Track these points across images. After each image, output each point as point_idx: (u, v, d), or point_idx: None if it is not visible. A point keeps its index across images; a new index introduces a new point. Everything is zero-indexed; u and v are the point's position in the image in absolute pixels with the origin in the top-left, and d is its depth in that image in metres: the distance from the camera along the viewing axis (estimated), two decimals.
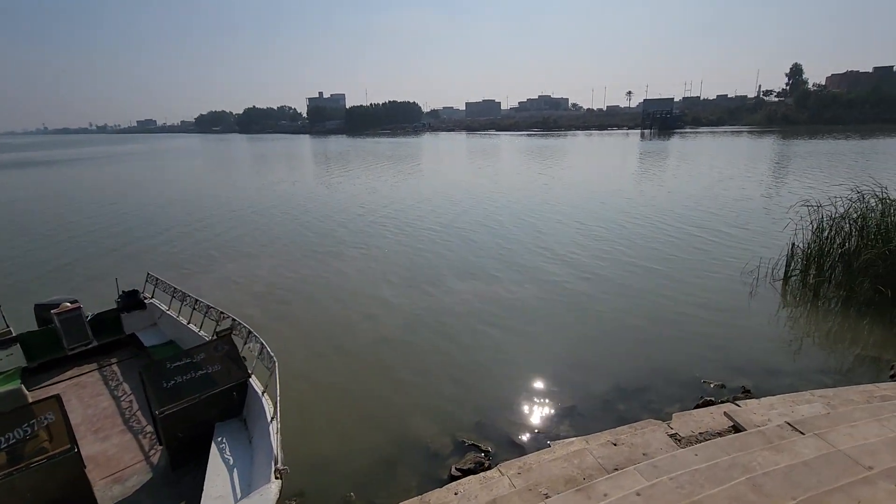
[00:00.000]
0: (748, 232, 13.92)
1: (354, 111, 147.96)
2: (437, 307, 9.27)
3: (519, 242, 13.70)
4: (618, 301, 9.33)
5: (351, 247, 13.90)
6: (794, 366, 6.95)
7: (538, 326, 8.35)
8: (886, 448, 2.75)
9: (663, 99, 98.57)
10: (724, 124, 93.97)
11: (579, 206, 18.81)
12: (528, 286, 10.20)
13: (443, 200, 21.07)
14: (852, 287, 8.94)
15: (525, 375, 6.75)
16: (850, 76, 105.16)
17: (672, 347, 7.47)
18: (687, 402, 5.96)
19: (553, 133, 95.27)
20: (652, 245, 12.95)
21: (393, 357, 7.42)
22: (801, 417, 3.76)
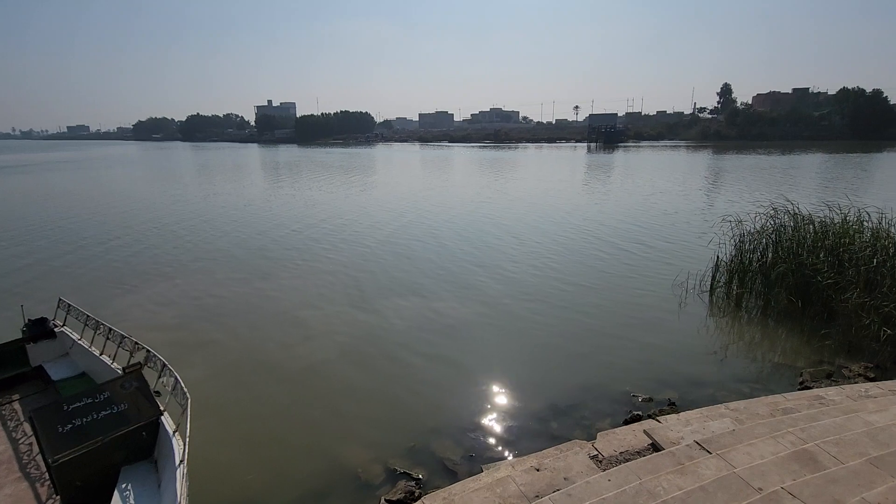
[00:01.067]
0: (679, 246, 14.63)
1: (305, 120, 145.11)
2: (366, 329, 9.02)
3: (454, 259, 13.61)
4: (552, 318, 9.43)
5: (281, 265, 13.30)
6: (717, 376, 7.29)
7: (472, 346, 8.31)
8: (776, 468, 2.90)
9: (607, 114, 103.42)
10: (663, 139, 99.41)
11: (519, 220, 19.02)
12: (461, 306, 10.09)
13: (384, 214, 20.90)
14: (769, 298, 9.56)
15: (459, 397, 6.69)
16: (772, 96, 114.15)
17: (605, 362, 7.67)
18: (617, 417, 6.12)
19: (505, 145, 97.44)
20: (587, 260, 13.28)
21: (323, 383, 7.15)
22: (710, 435, 3.92)
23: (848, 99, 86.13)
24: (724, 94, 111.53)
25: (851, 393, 5.00)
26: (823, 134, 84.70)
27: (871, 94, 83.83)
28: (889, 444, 3.10)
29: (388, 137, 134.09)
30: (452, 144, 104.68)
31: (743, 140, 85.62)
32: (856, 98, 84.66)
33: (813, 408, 4.48)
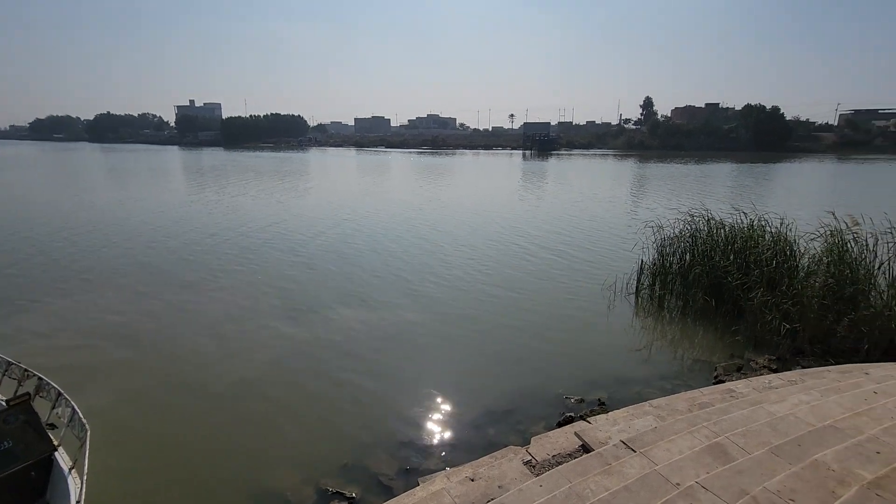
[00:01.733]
0: (607, 250, 15.33)
1: (232, 122, 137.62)
2: (293, 343, 8.55)
3: (385, 268, 13.24)
4: (485, 325, 9.48)
5: (201, 277, 12.35)
6: (642, 374, 7.67)
7: (404, 358, 8.17)
8: (691, 463, 3.04)
9: (541, 123, 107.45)
10: (593, 147, 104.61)
11: (453, 228, 18.98)
12: (392, 316, 9.85)
13: (314, 221, 20.21)
14: (688, 298, 10.24)
15: (394, 410, 6.54)
16: (688, 110, 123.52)
17: (538, 366, 7.83)
18: (551, 420, 6.26)
19: (442, 151, 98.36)
20: (519, 267, 13.51)
21: (246, 403, 6.67)
22: (635, 434, 4.07)
23: (751, 114, 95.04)
24: (646, 107, 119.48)
25: (757, 385, 5.41)
26: (732, 145, 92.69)
27: (770, 111, 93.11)
28: (787, 432, 3.36)
29: (322, 142, 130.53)
30: (389, 150, 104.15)
31: (664, 150, 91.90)
32: (758, 113, 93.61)
33: (725, 401, 4.78)
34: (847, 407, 3.74)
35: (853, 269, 8.97)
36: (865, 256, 9.23)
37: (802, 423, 3.51)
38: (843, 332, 8.17)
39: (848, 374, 5.34)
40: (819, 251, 9.57)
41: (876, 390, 4.03)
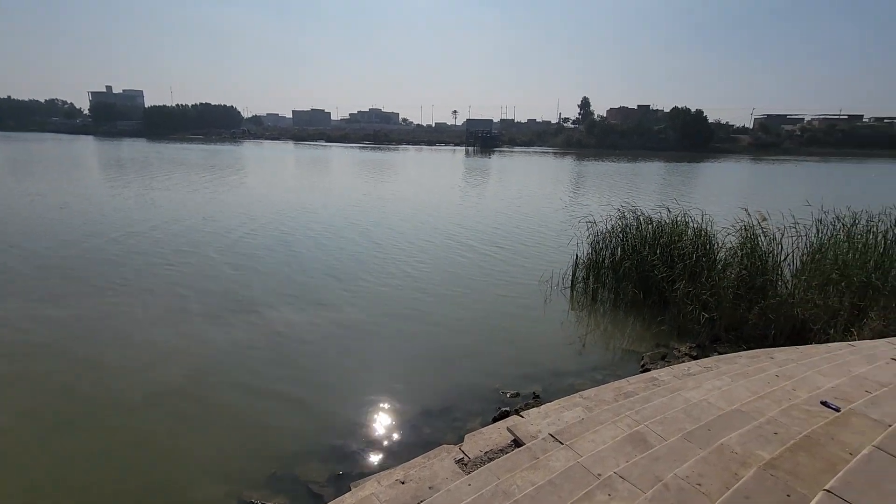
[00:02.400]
0: (545, 245, 15.71)
1: (156, 112, 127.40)
2: (213, 351, 7.97)
3: (316, 269, 12.61)
4: (422, 323, 9.39)
5: (107, 280, 11.18)
6: (575, 366, 7.92)
7: (335, 361, 7.86)
8: (613, 453, 3.13)
9: (484, 120, 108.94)
10: (533, 145, 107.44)
11: (393, 225, 18.59)
12: (321, 319, 9.39)
13: (241, 219, 18.92)
14: (619, 291, 10.71)
15: (325, 415, 6.31)
16: (622, 111, 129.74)
17: (475, 362, 7.85)
18: (487, 415, 6.29)
19: (384, 146, 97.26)
20: (458, 264, 13.52)
21: (161, 419, 6.14)
22: (564, 426, 4.16)
23: (678, 116, 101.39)
24: (583, 107, 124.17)
25: (677, 372, 5.70)
26: (662, 145, 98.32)
27: (695, 113, 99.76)
28: (700, 417, 3.54)
29: (257, 134, 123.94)
30: (330, 144, 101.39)
31: (600, 148, 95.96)
32: (684, 116, 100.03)
33: (648, 389, 5.00)
34: (753, 391, 4.01)
35: (763, 261, 9.75)
36: (773, 249, 10.06)
37: (714, 408, 3.71)
38: (754, 319, 8.84)
39: (756, 359, 5.74)
40: (734, 245, 10.34)
41: (778, 374, 4.35)
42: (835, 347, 5.55)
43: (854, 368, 4.10)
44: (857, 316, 8.68)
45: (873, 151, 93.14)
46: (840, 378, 3.76)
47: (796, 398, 3.52)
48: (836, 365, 4.18)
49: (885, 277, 9.70)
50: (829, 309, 8.74)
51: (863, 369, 3.87)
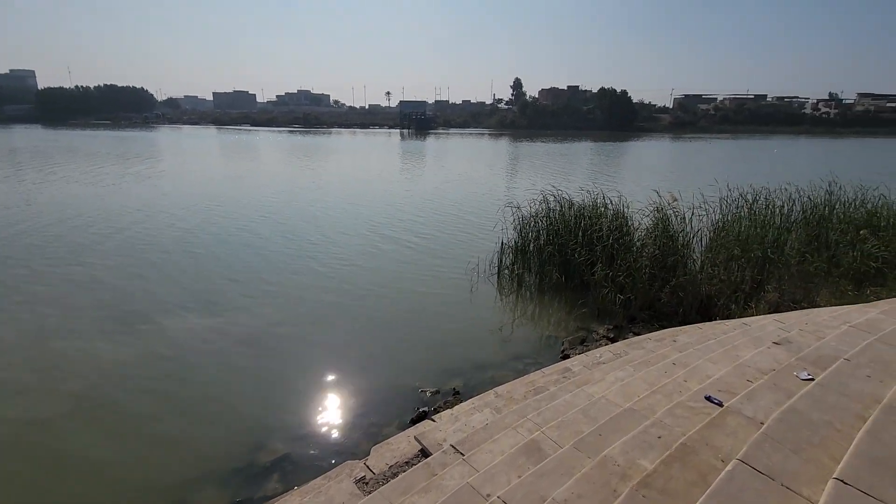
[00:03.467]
0: (474, 231, 15.59)
1: (51, 94, 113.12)
2: (105, 369, 7.24)
3: (220, 269, 11.67)
4: (338, 322, 8.96)
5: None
6: (498, 356, 7.87)
7: (242, 370, 7.29)
8: (506, 467, 3.00)
9: (418, 101, 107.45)
10: (469, 126, 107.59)
11: (314, 216, 17.69)
12: (230, 323, 8.77)
13: (138, 216, 17.12)
14: (543, 275, 10.84)
15: (225, 433, 5.83)
16: (552, 91, 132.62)
17: (396, 360, 7.62)
18: (405, 417, 6.10)
19: (315, 130, 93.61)
20: (384, 252, 13.20)
21: (48, 449, 5.51)
22: (469, 432, 4.03)
23: (605, 97, 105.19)
24: (516, 88, 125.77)
25: (589, 361, 5.76)
26: (590, 125, 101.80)
27: (620, 94, 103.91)
28: (596, 418, 3.50)
29: (174, 119, 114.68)
30: (256, 128, 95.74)
31: (533, 129, 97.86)
32: (610, 96, 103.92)
33: (558, 383, 4.98)
34: (650, 382, 4.05)
35: (673, 241, 10.19)
36: (683, 228, 10.55)
37: (611, 405, 3.69)
38: (666, 297, 9.23)
39: (661, 342, 5.92)
40: (648, 226, 10.73)
41: (675, 361, 4.45)
42: (731, 327, 5.82)
43: (742, 353, 4.25)
44: (756, 289, 9.31)
45: (776, 128, 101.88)
46: (727, 366, 3.87)
47: (686, 391, 3.57)
48: (726, 351, 4.33)
49: (780, 251, 10.47)
50: (731, 284, 9.30)
51: (748, 355, 4.01)
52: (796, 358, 3.49)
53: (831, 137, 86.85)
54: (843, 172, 15.61)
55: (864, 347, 3.27)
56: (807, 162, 41.47)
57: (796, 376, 3.19)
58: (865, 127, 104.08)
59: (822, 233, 11.39)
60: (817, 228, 11.84)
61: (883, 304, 4.96)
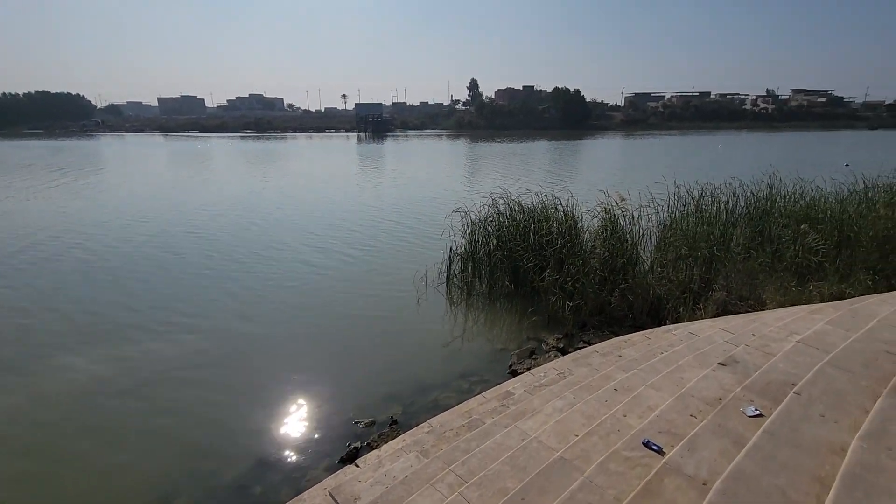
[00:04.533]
0: (427, 238, 15.01)
1: None
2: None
3: (135, 291, 10.59)
4: (266, 347, 8.18)
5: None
6: (444, 375, 7.29)
7: (157, 408, 6.52)
8: None
9: (374, 104, 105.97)
10: (427, 128, 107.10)
11: (236, 230, 16.17)
12: (144, 355, 7.92)
13: (61, 233, 15.97)
14: (493, 283, 10.40)
15: (132, 485, 5.11)
16: (508, 92, 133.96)
17: (331, 388, 6.94)
18: (335, 456, 5.49)
19: (269, 135, 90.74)
20: (329, 269, 12.25)
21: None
22: (389, 486, 3.47)
23: (560, 96, 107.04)
24: (472, 89, 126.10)
25: (531, 383, 5.30)
26: (546, 124, 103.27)
27: (574, 93, 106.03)
28: (526, 468, 3.01)
29: (115, 126, 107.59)
30: (205, 135, 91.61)
31: (490, 129, 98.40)
32: (564, 96, 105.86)
33: (495, 414, 4.49)
34: (588, 416, 3.61)
35: (622, 242, 9.96)
36: (632, 229, 10.35)
37: (543, 451, 3.21)
38: (616, 301, 8.95)
39: (606, 357, 5.53)
40: (597, 228, 10.47)
41: (617, 387, 4.04)
42: (677, 338, 5.51)
43: (686, 375, 3.87)
44: (705, 288, 9.16)
45: (720, 123, 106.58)
46: (671, 394, 3.46)
47: (624, 431, 3.13)
48: (671, 373, 3.94)
49: (726, 248, 10.42)
50: (680, 284, 9.12)
51: (693, 379, 3.62)
52: (742, 387, 3.11)
53: (770, 132, 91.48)
54: (782, 165, 16.01)
55: (814, 374, 2.93)
56: (750, 156, 43.21)
57: (743, 412, 2.81)
58: (800, 121, 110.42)
59: (766, 227, 11.47)
60: (760, 223, 11.94)
61: (827, 310, 4.73)
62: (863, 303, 4.51)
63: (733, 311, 8.43)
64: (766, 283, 9.39)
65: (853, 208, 11.47)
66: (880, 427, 2.27)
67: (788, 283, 8.97)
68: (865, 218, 10.34)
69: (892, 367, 2.95)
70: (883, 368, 2.95)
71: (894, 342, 3.32)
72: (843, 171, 20.03)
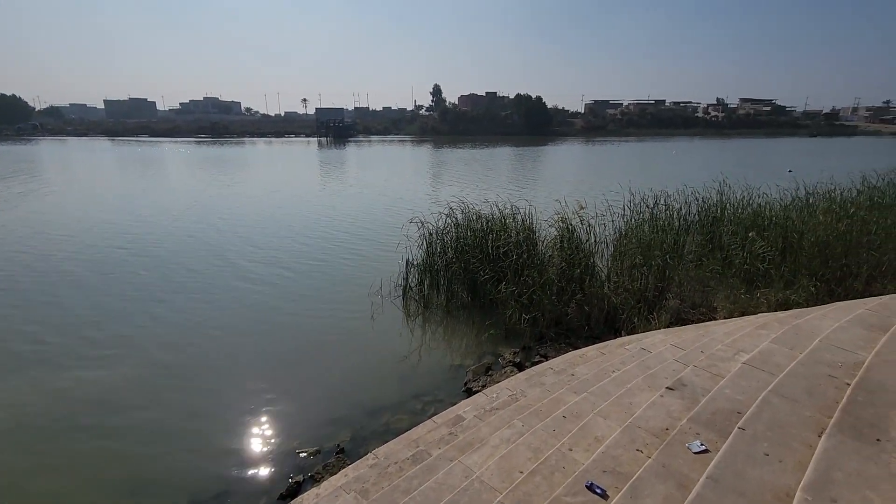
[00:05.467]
0: (384, 250, 14.38)
1: None
2: None
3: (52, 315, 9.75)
4: (210, 376, 7.59)
5: None
6: (396, 396, 6.98)
7: (73, 448, 5.99)
8: None
9: (335, 108, 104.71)
10: (390, 133, 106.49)
11: (171, 246, 15.05)
12: (74, 382, 7.39)
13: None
14: (450, 296, 10.17)
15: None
16: (471, 97, 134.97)
17: (274, 416, 6.48)
18: (274, 493, 5.11)
19: (225, 140, 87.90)
20: (274, 286, 11.57)
21: None
22: None
23: (522, 103, 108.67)
24: (436, 94, 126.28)
25: (483, 406, 5.08)
26: (509, 130, 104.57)
27: (535, 100, 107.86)
28: None
29: (56, 130, 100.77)
30: (157, 139, 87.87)
31: (454, 134, 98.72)
32: (526, 102, 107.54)
33: (442, 443, 4.24)
34: (534, 449, 3.41)
35: (579, 251, 9.94)
36: (589, 237, 10.35)
37: (484, 492, 2.99)
38: (573, 312, 8.89)
39: (560, 375, 5.39)
40: (555, 236, 10.42)
41: (566, 413, 3.86)
42: (630, 354, 5.42)
43: (636, 399, 3.74)
44: (659, 297, 9.23)
45: (675, 130, 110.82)
46: (619, 424, 3.31)
47: (569, 469, 2.94)
48: (620, 398, 3.80)
49: (679, 256, 10.59)
50: (636, 293, 9.16)
51: (641, 406, 3.48)
52: (688, 418, 2.98)
53: (721, 138, 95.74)
54: (732, 171, 16.57)
55: (759, 405, 2.83)
56: (700, 161, 44.93)
57: (688, 449, 2.67)
58: (747, 128, 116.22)
59: (716, 234, 11.75)
60: (711, 229, 12.24)
61: (773, 324, 4.74)
62: (805, 318, 4.52)
63: (686, 319, 8.53)
64: (716, 290, 9.56)
65: (796, 214, 11.92)
66: (824, 475, 2.16)
67: (738, 291, 9.15)
68: (807, 224, 10.71)
69: (834, 393, 2.89)
70: (826, 395, 2.88)
71: (836, 364, 3.29)
72: (787, 177, 21.00)
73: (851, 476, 2.22)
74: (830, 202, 12.71)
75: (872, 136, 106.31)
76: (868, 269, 9.24)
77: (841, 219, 10.54)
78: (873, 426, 2.64)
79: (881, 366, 3.27)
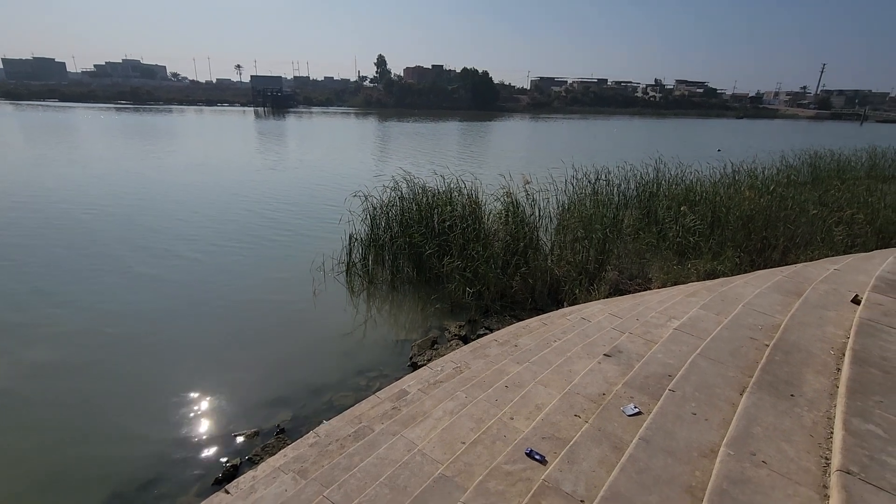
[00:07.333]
0: (322, 225, 13.96)
1: None
2: None
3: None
4: (124, 359, 7.12)
5: None
6: (340, 373, 6.83)
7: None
8: None
9: (273, 77, 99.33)
10: (332, 105, 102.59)
11: (123, 221, 14.51)
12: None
13: None
14: (395, 270, 10.03)
15: None
16: (417, 70, 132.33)
17: (209, 399, 6.15)
18: (208, 479, 4.88)
19: (149, 107, 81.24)
20: (196, 262, 11.01)
21: None
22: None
23: (469, 77, 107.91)
24: (380, 65, 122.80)
25: (427, 379, 5.05)
26: (456, 104, 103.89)
27: (482, 74, 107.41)
28: (406, 487, 2.75)
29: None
30: (68, 104, 79.74)
31: (400, 107, 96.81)
32: (473, 77, 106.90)
33: (385, 418, 4.17)
34: (477, 419, 3.41)
35: (524, 225, 10.06)
36: (533, 211, 10.49)
37: (426, 464, 2.94)
38: (517, 285, 9.03)
39: (504, 347, 5.44)
40: (500, 210, 10.48)
41: (508, 383, 3.89)
42: (571, 324, 5.56)
43: (575, 367, 3.82)
44: (599, 269, 9.56)
45: (616, 109, 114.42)
46: (558, 392, 3.36)
47: (510, 437, 2.95)
48: (560, 366, 3.87)
49: (618, 229, 10.99)
50: (577, 265, 9.43)
51: (580, 373, 3.56)
52: (623, 383, 3.07)
53: (657, 118, 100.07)
54: (668, 149, 17.33)
55: (688, 367, 2.95)
56: (640, 139, 46.79)
57: (623, 412, 2.75)
58: (682, 109, 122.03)
59: (652, 209, 12.28)
60: (648, 204, 12.80)
61: (702, 292, 5.00)
62: (730, 286, 4.80)
63: (624, 289, 8.90)
64: (652, 261, 10.04)
65: (723, 190, 12.67)
66: (745, 430, 2.28)
67: (671, 262, 9.65)
68: (734, 200, 11.41)
69: (755, 354, 3.07)
70: (748, 356, 3.05)
71: (756, 327, 3.50)
72: (716, 156, 22.27)
73: (769, 430, 2.38)
74: (754, 179, 13.62)
75: (791, 119, 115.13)
76: (784, 241, 10.01)
77: (763, 195, 11.30)
78: (788, 383, 2.83)
79: (795, 328, 3.53)
